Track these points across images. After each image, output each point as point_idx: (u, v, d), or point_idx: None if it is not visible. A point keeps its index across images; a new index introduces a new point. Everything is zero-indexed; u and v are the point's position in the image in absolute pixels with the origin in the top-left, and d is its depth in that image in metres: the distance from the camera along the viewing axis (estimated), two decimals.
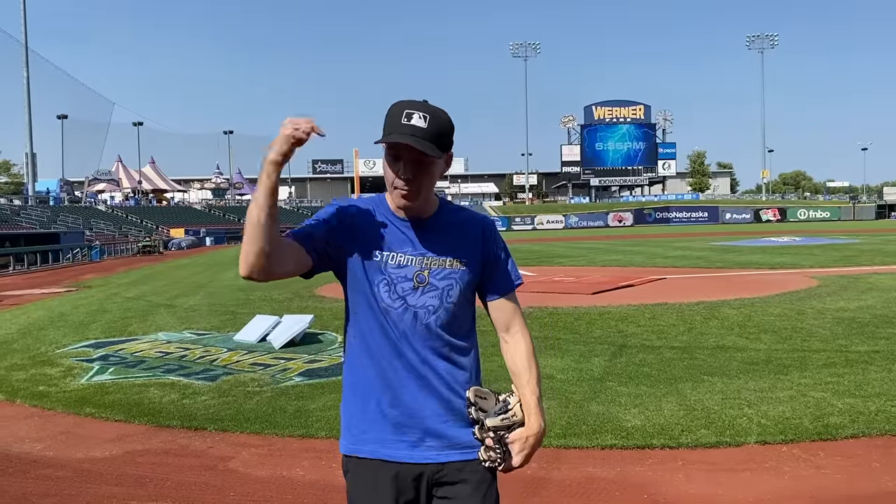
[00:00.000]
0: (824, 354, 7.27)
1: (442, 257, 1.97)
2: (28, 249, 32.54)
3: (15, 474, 4.72)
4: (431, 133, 1.86)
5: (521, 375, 2.02)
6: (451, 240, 2.00)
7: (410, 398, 1.94)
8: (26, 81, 55.09)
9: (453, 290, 1.96)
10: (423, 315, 1.94)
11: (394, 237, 1.97)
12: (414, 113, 1.87)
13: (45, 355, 8.77)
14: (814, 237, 35.23)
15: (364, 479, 1.96)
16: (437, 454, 1.94)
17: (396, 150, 1.89)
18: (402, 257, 1.95)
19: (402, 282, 1.94)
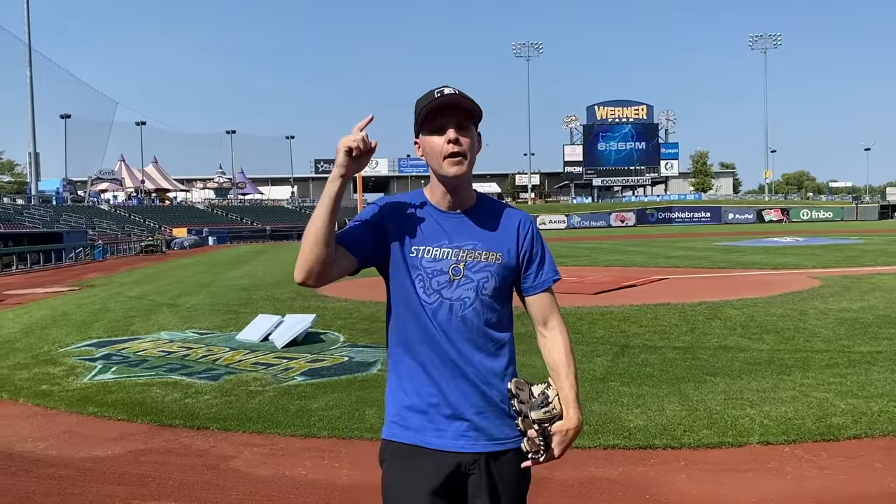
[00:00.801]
0: (827, 355, 7.27)
1: (477, 250, 2.01)
2: (31, 249, 32.60)
3: (18, 473, 4.73)
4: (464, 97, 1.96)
5: (560, 369, 2.06)
6: (488, 233, 2.03)
7: (448, 389, 1.98)
8: (29, 81, 55.21)
9: (489, 283, 2.00)
10: (458, 308, 1.98)
11: (430, 231, 2.02)
12: (445, 87, 1.98)
13: (48, 354, 8.78)
14: (816, 237, 35.19)
15: (402, 465, 2.00)
16: (474, 444, 1.98)
17: (440, 118, 1.96)
18: (438, 251, 2.00)
19: (437, 275, 1.98)
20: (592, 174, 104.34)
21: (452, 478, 1.97)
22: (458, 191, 2.02)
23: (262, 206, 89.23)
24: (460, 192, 2.03)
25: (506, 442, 2.00)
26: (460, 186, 2.02)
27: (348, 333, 9.46)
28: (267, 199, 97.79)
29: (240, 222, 75.58)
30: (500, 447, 1.99)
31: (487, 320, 2.00)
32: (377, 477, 2.06)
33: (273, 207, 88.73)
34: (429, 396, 1.98)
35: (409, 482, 1.97)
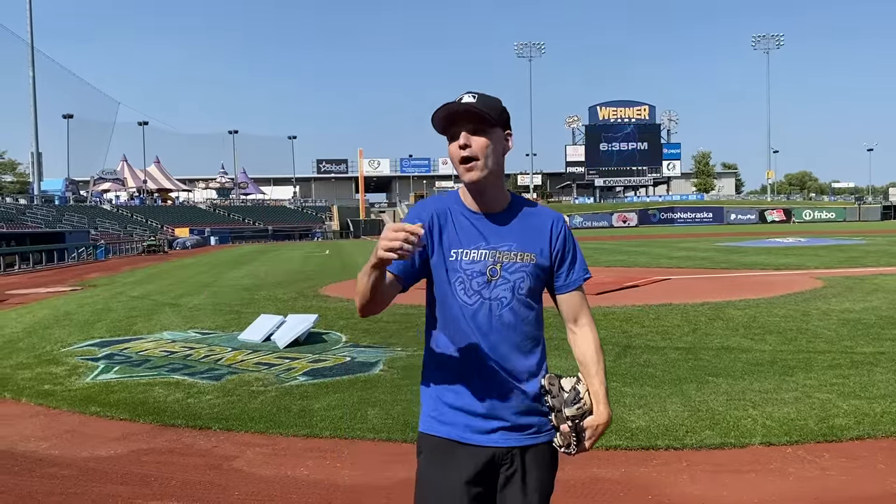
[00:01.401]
0: (829, 356, 7.25)
1: (513, 251, 2.06)
2: (33, 249, 32.65)
3: (20, 473, 4.74)
4: (480, 104, 2.00)
5: (590, 366, 2.13)
6: (523, 234, 2.09)
7: (486, 388, 2.04)
8: (32, 81, 55.28)
9: (524, 283, 2.06)
10: (496, 307, 2.04)
11: (466, 233, 2.07)
12: (463, 95, 2.02)
13: (51, 354, 8.79)
14: (819, 238, 35.14)
15: (439, 458, 2.07)
16: (508, 439, 2.05)
17: (452, 125, 2.01)
18: (475, 253, 2.05)
19: (476, 276, 2.04)
20: (594, 174, 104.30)
21: (486, 468, 2.04)
22: (485, 193, 2.08)
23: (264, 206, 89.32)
24: (488, 195, 2.08)
25: (538, 436, 2.08)
26: (485, 189, 2.07)
27: (350, 334, 9.46)
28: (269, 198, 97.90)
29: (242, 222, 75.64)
30: (533, 441, 2.08)
31: (524, 319, 2.07)
32: (380, 477, 2.09)
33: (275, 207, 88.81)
34: (466, 394, 2.05)
35: (444, 473, 2.05)
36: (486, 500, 2.06)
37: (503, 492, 2.07)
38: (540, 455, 2.09)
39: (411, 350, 8.05)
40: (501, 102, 2.07)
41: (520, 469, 2.06)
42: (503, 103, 2.08)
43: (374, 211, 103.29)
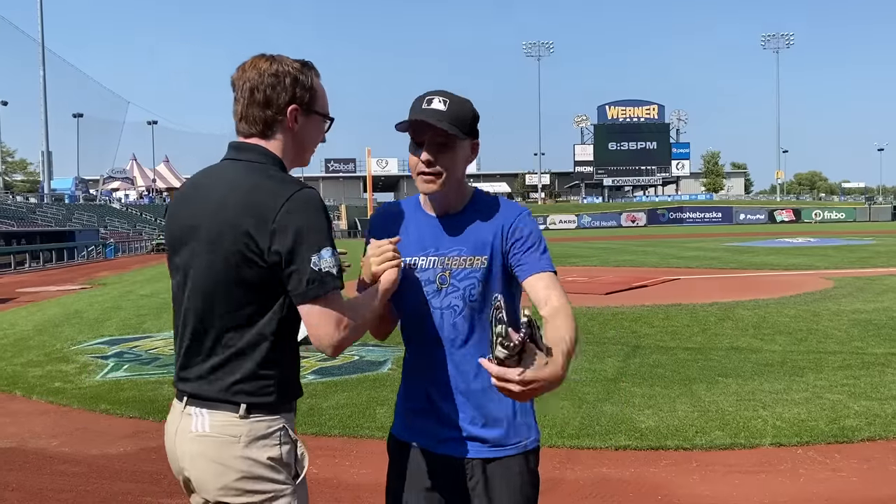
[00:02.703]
0: (840, 356, 7.22)
1: (462, 256, 1.95)
2: (44, 247, 32.82)
3: (31, 470, 4.76)
4: (451, 116, 1.88)
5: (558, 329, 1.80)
6: (476, 236, 1.96)
7: (442, 396, 1.97)
8: (42, 80, 55.56)
9: (475, 290, 1.93)
10: (448, 316, 1.95)
11: (419, 241, 1.99)
12: (434, 97, 1.90)
13: (61, 352, 8.84)
14: (829, 238, 34.98)
15: (401, 462, 2.04)
16: (467, 450, 1.96)
17: (418, 135, 1.91)
18: (425, 260, 1.98)
19: (426, 285, 1.97)
20: (603, 174, 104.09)
21: (446, 479, 1.97)
22: (443, 202, 1.98)
23: None
24: (443, 201, 1.98)
25: (503, 449, 1.95)
26: (442, 198, 1.97)
27: None
28: None
29: None
30: (495, 454, 1.95)
31: (480, 326, 1.95)
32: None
33: None
34: (426, 401, 2.00)
35: (406, 480, 2.01)
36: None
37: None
38: (507, 470, 1.95)
39: None
40: (472, 107, 1.95)
41: (482, 482, 1.95)
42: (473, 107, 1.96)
43: None
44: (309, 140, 1.93)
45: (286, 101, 1.82)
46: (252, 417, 1.76)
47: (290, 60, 1.86)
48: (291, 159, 1.90)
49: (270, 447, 1.77)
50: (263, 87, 1.80)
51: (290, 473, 1.80)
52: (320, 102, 1.90)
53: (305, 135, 1.90)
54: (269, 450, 1.76)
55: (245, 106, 1.83)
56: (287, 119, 1.83)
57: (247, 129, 1.85)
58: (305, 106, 1.86)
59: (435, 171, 1.91)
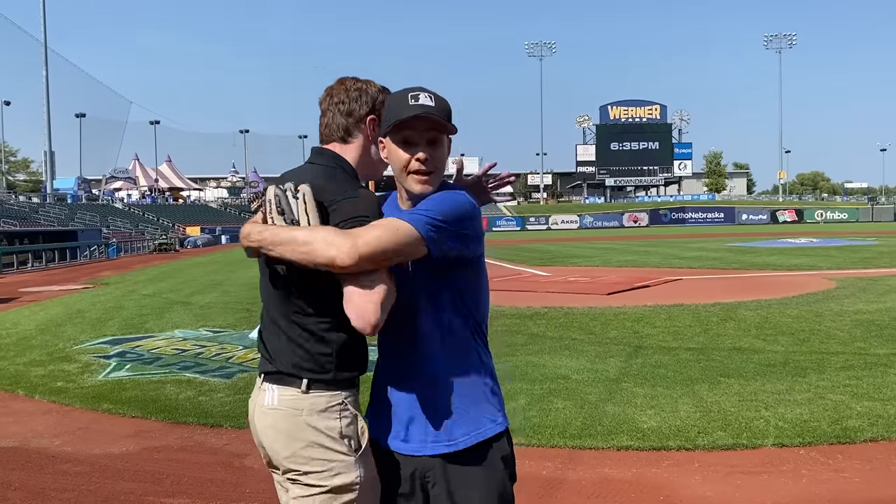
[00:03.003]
0: (843, 357, 7.21)
1: None
2: (46, 247, 32.88)
3: (33, 469, 4.77)
4: (440, 110, 1.88)
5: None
6: None
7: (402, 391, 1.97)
8: (45, 80, 55.65)
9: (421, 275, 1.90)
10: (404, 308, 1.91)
11: None
12: (420, 93, 1.89)
13: (63, 351, 8.85)
14: (831, 239, 34.93)
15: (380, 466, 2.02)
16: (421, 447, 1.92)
17: (409, 131, 1.87)
18: None
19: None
20: (605, 174, 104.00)
21: (412, 479, 1.94)
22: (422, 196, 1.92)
23: None
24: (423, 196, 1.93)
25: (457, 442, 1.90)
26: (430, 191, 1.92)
27: None
28: None
29: None
30: (452, 448, 1.90)
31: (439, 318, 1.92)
32: None
33: None
34: (387, 399, 2.00)
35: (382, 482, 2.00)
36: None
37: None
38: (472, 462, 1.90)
39: None
40: (449, 105, 1.93)
41: (443, 484, 1.90)
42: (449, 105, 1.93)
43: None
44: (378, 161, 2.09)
45: (366, 112, 2.05)
46: (313, 392, 1.93)
47: (375, 84, 2.10)
48: (366, 166, 2.08)
49: (331, 419, 1.92)
50: (349, 99, 2.05)
51: (352, 446, 1.93)
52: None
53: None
54: (330, 422, 1.92)
55: (331, 116, 2.06)
56: (366, 127, 2.05)
57: (329, 135, 2.07)
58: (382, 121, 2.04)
59: (431, 168, 1.89)
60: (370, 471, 1.94)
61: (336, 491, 1.89)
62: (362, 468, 1.92)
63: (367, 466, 1.94)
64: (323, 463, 1.89)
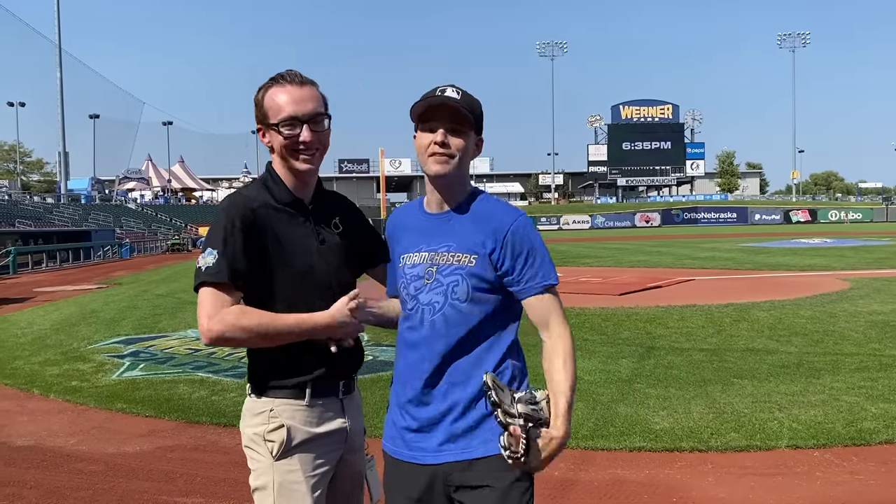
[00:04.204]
0: (857, 358, 7.15)
1: (451, 252, 1.94)
2: (60, 247, 33.09)
3: (49, 468, 4.80)
4: (465, 104, 1.93)
5: (554, 377, 1.88)
6: (466, 233, 1.95)
7: (421, 399, 1.95)
8: (59, 82, 56.02)
9: (459, 287, 1.92)
10: (428, 312, 1.94)
11: (412, 238, 2.03)
12: (447, 88, 1.95)
13: (78, 351, 8.91)
14: (845, 239, 34.67)
15: (389, 474, 2.02)
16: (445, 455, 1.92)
17: (432, 118, 1.93)
18: (416, 256, 2.00)
19: (414, 281, 1.98)
20: (617, 174, 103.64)
21: (431, 488, 1.93)
22: (447, 191, 1.99)
23: None
24: (449, 193, 1.99)
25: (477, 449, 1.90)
26: (448, 187, 1.98)
27: (372, 332, 9.48)
28: None
29: None
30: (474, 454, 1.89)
31: (462, 324, 1.91)
32: None
33: None
34: (405, 407, 1.99)
35: (393, 491, 2.00)
36: None
37: None
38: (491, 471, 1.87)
39: None
40: (481, 106, 1.99)
41: (464, 490, 1.90)
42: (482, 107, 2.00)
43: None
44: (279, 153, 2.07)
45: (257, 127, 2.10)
46: (252, 397, 2.09)
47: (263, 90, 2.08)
48: (286, 170, 2.09)
49: (259, 425, 2.04)
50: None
51: (272, 452, 2.01)
52: (271, 114, 2.03)
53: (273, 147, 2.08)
54: (255, 427, 2.04)
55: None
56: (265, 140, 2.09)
57: None
58: (265, 124, 2.05)
59: (449, 151, 1.92)
60: (289, 478, 2.00)
61: (256, 490, 2.05)
62: (276, 474, 2.00)
63: (285, 474, 2.00)
64: (252, 461, 2.07)
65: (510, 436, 1.76)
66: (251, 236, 1.96)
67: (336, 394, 2.10)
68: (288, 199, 2.06)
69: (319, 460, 2.04)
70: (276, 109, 2.01)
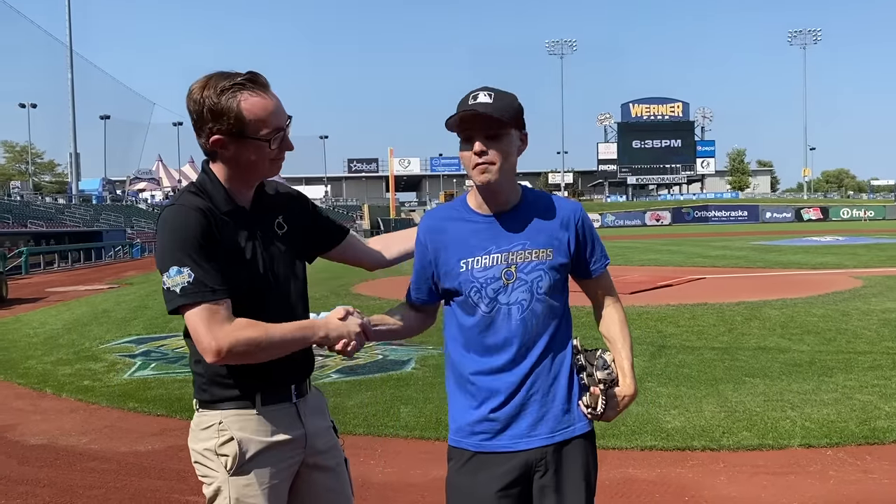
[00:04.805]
0: (870, 356, 7.11)
1: (527, 250, 2.01)
2: (72, 247, 33.31)
3: (62, 467, 4.83)
4: (497, 108, 1.93)
5: (616, 341, 2.15)
6: (535, 230, 2.02)
7: (509, 391, 2.00)
8: (71, 83, 56.35)
9: (542, 282, 2.01)
10: (516, 311, 1.99)
11: (476, 240, 2.02)
12: (479, 92, 1.96)
13: (90, 350, 8.96)
14: (857, 237, 34.45)
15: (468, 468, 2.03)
16: (539, 440, 2.01)
17: (467, 129, 1.95)
18: (487, 259, 2.00)
19: (491, 283, 1.99)
20: (627, 172, 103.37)
21: (520, 475, 2.00)
22: (497, 194, 2.02)
23: None
24: (499, 196, 2.02)
25: (566, 431, 2.03)
26: (498, 192, 2.01)
27: None
28: None
29: None
30: (563, 437, 2.03)
31: (545, 317, 2.02)
32: (413, 475, 2.10)
33: None
34: (492, 401, 2.01)
35: (474, 483, 2.00)
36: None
37: (541, 500, 2.02)
38: (574, 453, 2.04)
39: (443, 349, 8.03)
40: (517, 100, 1.99)
41: (553, 472, 2.01)
42: (518, 100, 2.00)
43: (404, 210, 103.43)
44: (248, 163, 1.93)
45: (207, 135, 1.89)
46: (199, 411, 2.01)
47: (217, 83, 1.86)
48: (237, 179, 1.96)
49: (207, 439, 1.97)
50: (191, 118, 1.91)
51: (227, 465, 1.94)
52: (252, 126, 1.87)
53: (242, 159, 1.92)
54: (205, 442, 1.97)
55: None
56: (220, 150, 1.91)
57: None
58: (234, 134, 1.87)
59: (489, 159, 1.94)
60: (245, 492, 1.94)
61: (212, 501, 1.98)
62: (232, 489, 1.94)
63: (242, 488, 1.94)
64: (203, 478, 2.00)
65: (591, 395, 2.05)
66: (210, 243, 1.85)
67: (288, 398, 2.02)
68: (228, 206, 1.93)
69: (276, 470, 1.97)
70: (256, 121, 1.86)
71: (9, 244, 27.78)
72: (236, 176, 1.94)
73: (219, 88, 1.84)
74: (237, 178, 1.95)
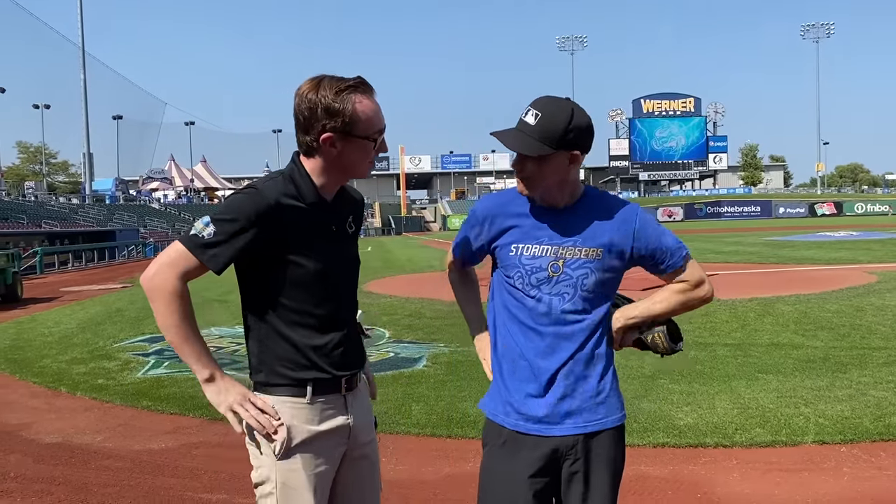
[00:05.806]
0: (885, 352, 7.05)
1: (577, 247, 2.03)
2: (86, 247, 33.53)
3: (76, 465, 4.87)
4: (538, 130, 1.94)
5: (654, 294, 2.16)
6: (590, 228, 2.04)
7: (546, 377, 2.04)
8: (83, 83, 56.70)
9: (588, 280, 2.03)
10: (557, 303, 2.02)
11: (528, 228, 2.06)
12: (530, 110, 1.98)
13: (104, 349, 9.02)
14: (872, 232, 34.18)
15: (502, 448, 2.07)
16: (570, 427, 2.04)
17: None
18: (537, 248, 2.04)
19: (536, 272, 2.03)
20: (639, 168, 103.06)
21: (549, 461, 2.04)
22: (544, 200, 2.06)
23: None
24: (547, 200, 2.05)
25: (598, 422, 2.05)
26: (543, 197, 2.05)
27: (393, 329, 9.51)
28: None
29: None
30: (595, 427, 2.05)
31: (587, 312, 2.05)
32: (425, 472, 2.09)
33: None
34: (529, 385, 2.05)
35: (508, 465, 2.05)
36: (549, 494, 2.06)
37: (568, 486, 2.06)
38: (604, 444, 2.07)
39: (454, 346, 8.05)
40: (568, 118, 1.94)
41: (583, 460, 2.04)
42: (570, 117, 1.95)
43: (415, 208, 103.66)
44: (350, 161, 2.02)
45: (318, 132, 1.96)
46: (255, 393, 2.06)
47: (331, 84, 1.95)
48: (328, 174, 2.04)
49: None
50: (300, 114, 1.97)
51: (275, 451, 2.00)
52: (362, 126, 1.97)
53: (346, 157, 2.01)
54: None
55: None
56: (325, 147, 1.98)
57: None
58: (345, 132, 1.96)
59: (526, 175, 2.01)
60: (291, 477, 1.99)
61: (258, 486, 2.04)
62: (278, 473, 2.00)
63: (287, 473, 2.00)
64: (254, 458, 2.07)
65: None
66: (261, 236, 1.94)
67: (339, 390, 2.08)
68: (313, 198, 2.02)
69: (321, 458, 2.03)
70: (367, 121, 1.97)
71: (24, 244, 27.99)
72: (334, 172, 2.03)
73: (335, 89, 1.94)
74: (333, 175, 2.04)
